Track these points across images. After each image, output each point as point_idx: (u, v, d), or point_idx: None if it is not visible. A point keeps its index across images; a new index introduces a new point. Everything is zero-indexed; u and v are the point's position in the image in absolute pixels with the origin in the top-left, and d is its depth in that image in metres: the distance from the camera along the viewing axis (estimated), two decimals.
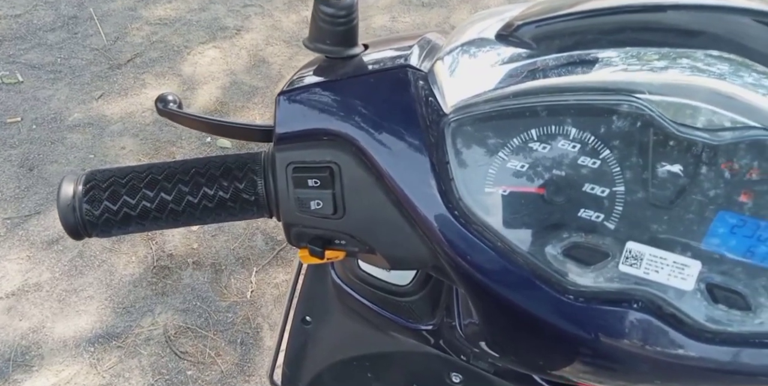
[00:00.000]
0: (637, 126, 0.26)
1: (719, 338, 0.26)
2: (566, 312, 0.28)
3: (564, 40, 0.28)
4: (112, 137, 1.53)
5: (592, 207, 0.27)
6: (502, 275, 0.28)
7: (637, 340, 0.27)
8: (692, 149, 0.26)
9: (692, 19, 0.26)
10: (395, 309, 0.45)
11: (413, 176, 0.28)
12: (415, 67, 0.30)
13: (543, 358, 0.33)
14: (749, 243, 0.26)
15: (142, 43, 1.79)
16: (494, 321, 0.33)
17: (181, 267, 1.31)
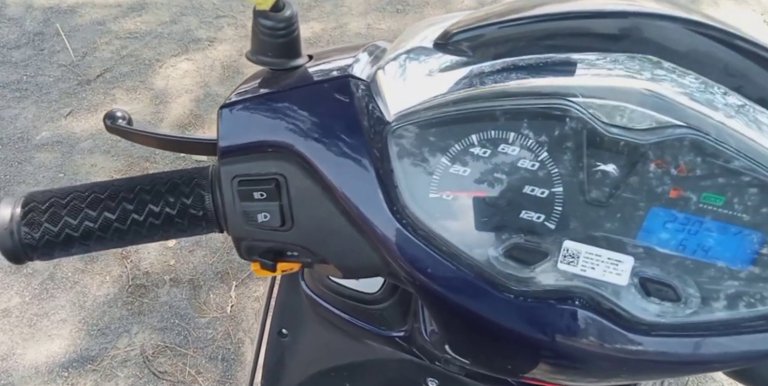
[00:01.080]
0: (571, 128, 0.27)
1: (654, 330, 0.27)
2: (511, 312, 0.28)
3: (498, 47, 0.28)
4: (83, 154, 1.50)
5: (532, 208, 0.28)
6: (448, 280, 0.28)
7: (579, 336, 0.28)
8: (624, 149, 0.26)
9: (617, 25, 0.27)
10: (367, 317, 0.45)
11: (358, 184, 0.28)
12: (357, 76, 0.31)
13: (499, 359, 0.34)
14: (681, 237, 0.27)
15: (112, 58, 1.76)
16: (448, 325, 0.33)
17: (158, 285, 1.28)
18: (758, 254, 0.27)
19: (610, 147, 0.27)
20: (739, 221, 0.27)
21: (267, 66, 0.32)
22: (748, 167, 0.26)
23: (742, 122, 0.26)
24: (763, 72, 0.27)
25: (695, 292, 0.28)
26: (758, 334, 0.27)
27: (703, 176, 0.27)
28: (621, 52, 0.27)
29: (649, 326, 0.28)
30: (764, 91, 0.27)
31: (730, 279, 0.28)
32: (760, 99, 0.27)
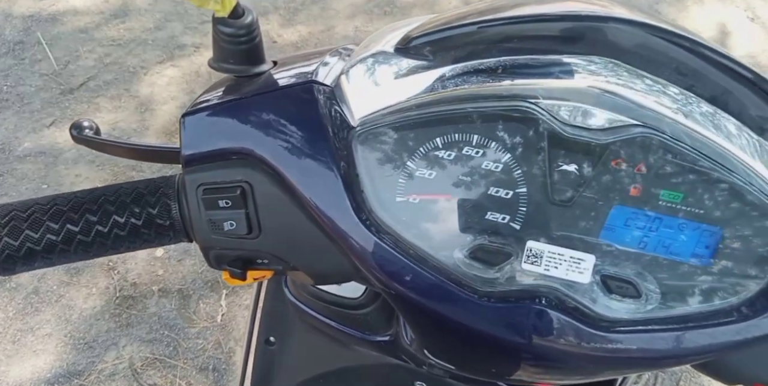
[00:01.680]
0: (533, 130, 0.27)
1: (617, 326, 0.28)
2: (478, 314, 0.29)
3: (458, 51, 0.29)
4: (66, 165, 1.47)
5: (497, 209, 0.28)
6: (415, 283, 0.29)
7: (545, 335, 0.28)
8: (584, 149, 0.27)
9: (573, 28, 0.28)
10: (352, 322, 0.45)
11: (324, 190, 0.28)
12: (321, 82, 0.30)
13: (473, 361, 0.34)
14: (642, 234, 0.28)
15: (95, 66, 1.74)
16: (420, 328, 0.33)
17: (146, 296, 1.26)
18: (716, 250, 0.28)
19: (571, 147, 0.27)
20: (698, 217, 0.27)
21: (230, 73, 0.31)
22: (704, 164, 0.27)
23: (695, 120, 0.27)
24: (713, 71, 0.27)
25: (655, 288, 0.28)
26: (717, 328, 0.28)
27: (661, 173, 0.27)
28: (578, 54, 0.28)
29: (612, 322, 0.28)
30: (715, 89, 0.28)
31: (690, 275, 0.28)
32: (712, 98, 0.28)
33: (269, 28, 1.95)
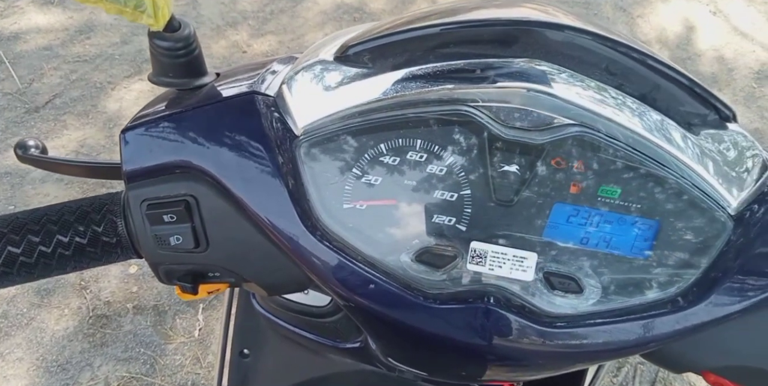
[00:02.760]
0: (473, 133, 0.28)
1: (561, 321, 0.29)
2: (428, 316, 0.29)
3: (396, 57, 0.29)
4: (34, 184, 1.45)
5: (443, 212, 0.29)
6: (365, 289, 0.29)
7: (494, 334, 0.29)
8: (523, 149, 0.28)
9: (506, 33, 0.28)
10: (322, 330, 0.45)
11: (270, 201, 0.28)
12: (262, 92, 0.31)
13: (435, 364, 0.34)
14: (583, 230, 0.29)
15: (61, 83, 1.72)
16: (376, 334, 0.34)
17: (121, 314, 1.24)
18: (654, 242, 0.29)
19: (510, 148, 0.28)
20: (635, 212, 0.28)
21: (170, 87, 0.31)
22: (637, 160, 0.28)
23: (627, 117, 0.28)
24: (641, 70, 0.28)
25: (596, 283, 0.29)
26: (657, 318, 0.28)
27: (598, 170, 0.28)
28: (513, 57, 0.28)
29: (556, 318, 0.29)
30: (643, 87, 0.29)
31: (630, 268, 0.29)
32: (641, 95, 0.29)
33: (239, 38, 1.95)
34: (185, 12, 2.02)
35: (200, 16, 2.02)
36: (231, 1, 2.11)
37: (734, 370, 0.32)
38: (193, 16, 2.02)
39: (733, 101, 2.04)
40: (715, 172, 0.28)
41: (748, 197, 0.29)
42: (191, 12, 2.03)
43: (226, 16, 2.04)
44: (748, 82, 2.13)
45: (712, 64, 2.20)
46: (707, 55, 2.24)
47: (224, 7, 2.08)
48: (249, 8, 2.09)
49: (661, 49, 2.23)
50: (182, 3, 2.06)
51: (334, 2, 2.14)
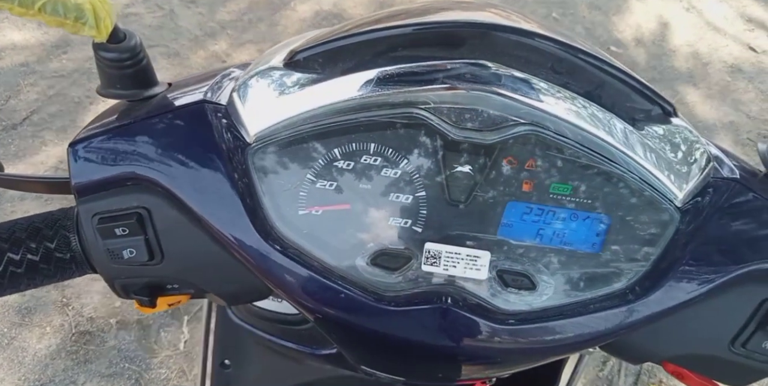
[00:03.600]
0: (426, 135, 0.28)
1: (517, 318, 0.29)
2: (386, 319, 0.29)
3: (345, 62, 0.29)
4: (12, 202, 1.43)
5: (399, 214, 0.29)
6: (323, 295, 0.29)
7: (454, 334, 0.29)
8: (475, 149, 0.28)
9: (454, 35, 0.29)
10: (298, 338, 0.45)
11: (223, 210, 0.28)
12: (213, 101, 0.31)
13: (399, 367, 0.34)
14: (537, 227, 0.29)
15: (38, 99, 1.71)
16: (338, 340, 0.33)
17: (104, 330, 1.22)
18: (606, 236, 0.29)
19: (462, 149, 0.28)
20: (587, 207, 0.29)
21: (119, 99, 0.31)
22: (586, 156, 0.28)
23: (574, 115, 0.28)
24: (585, 69, 0.29)
25: (549, 279, 0.29)
26: (609, 311, 0.29)
27: (549, 168, 0.28)
28: (460, 59, 0.29)
29: (511, 315, 0.29)
30: (589, 85, 0.29)
31: (583, 263, 0.29)
32: (586, 93, 0.29)
33: (217, 48, 1.95)
34: (162, 24, 2.02)
35: (178, 27, 2.02)
36: (209, 10, 2.11)
37: (689, 359, 0.33)
38: (170, 27, 2.02)
39: (708, 95, 2.08)
40: (660, 165, 0.29)
41: (694, 189, 0.29)
42: (169, 23, 2.03)
43: (204, 26, 2.05)
44: (722, 75, 2.17)
45: (687, 59, 2.24)
46: (682, 51, 2.28)
47: (202, 17, 2.08)
48: (227, 18, 2.09)
49: (636, 47, 2.27)
50: (159, 15, 2.06)
51: (312, 10, 2.16)
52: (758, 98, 2.07)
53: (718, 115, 1.99)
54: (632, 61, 2.18)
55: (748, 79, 2.15)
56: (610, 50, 2.22)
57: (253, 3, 2.18)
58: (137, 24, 2.00)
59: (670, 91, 2.07)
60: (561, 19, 2.34)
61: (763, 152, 0.32)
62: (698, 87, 2.11)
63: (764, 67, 2.22)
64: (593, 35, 2.28)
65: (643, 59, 2.20)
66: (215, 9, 2.12)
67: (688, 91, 2.08)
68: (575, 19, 2.36)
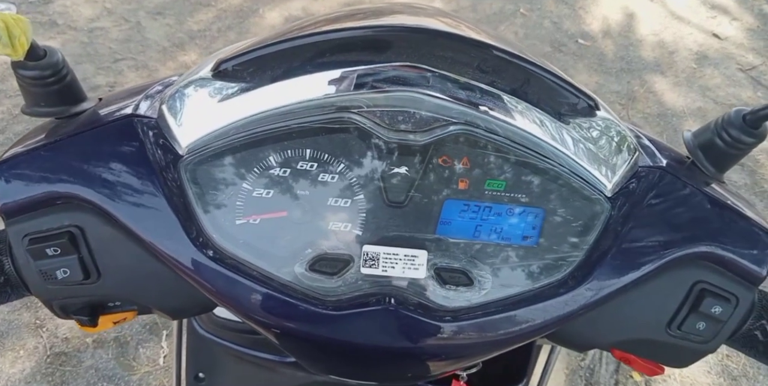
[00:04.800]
0: (360, 139, 0.28)
1: (457, 315, 0.29)
2: (330, 324, 0.29)
3: (275, 70, 0.29)
4: None
5: (339, 219, 0.29)
6: (265, 304, 0.29)
7: (399, 334, 0.29)
8: (409, 150, 0.28)
9: (380, 39, 0.29)
10: (266, 347, 0.45)
11: (157, 224, 0.28)
12: (142, 115, 0.30)
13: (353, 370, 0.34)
14: (475, 224, 0.29)
15: (3, 119, 1.68)
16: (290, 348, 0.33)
17: (80, 349, 1.20)
18: (542, 229, 0.30)
19: (397, 151, 0.28)
20: (522, 202, 0.29)
21: (45, 116, 0.31)
22: (517, 152, 0.29)
23: (503, 112, 0.29)
24: (510, 67, 0.29)
25: (487, 274, 0.30)
26: (546, 302, 0.29)
27: (482, 165, 0.29)
28: (388, 62, 0.29)
29: (452, 312, 0.29)
30: (514, 83, 0.30)
31: (520, 256, 0.30)
32: (513, 90, 0.30)
33: (187, 59, 1.94)
34: (130, 37, 2.00)
35: (146, 39, 2.01)
36: (176, 21, 2.10)
37: (631, 344, 0.33)
38: (138, 40, 2.00)
39: (676, 83, 2.12)
40: (588, 157, 0.29)
41: (622, 179, 0.30)
42: (136, 36, 2.01)
43: (173, 37, 2.03)
44: (688, 63, 2.21)
45: (654, 48, 2.28)
46: (648, 41, 2.32)
47: (170, 28, 2.07)
48: (195, 28, 2.08)
49: (604, 38, 2.30)
50: (126, 28, 2.04)
51: (281, 16, 2.15)
52: (724, 83, 2.12)
53: (686, 102, 2.03)
54: (600, 52, 2.21)
55: (713, 65, 2.20)
56: (578, 43, 2.25)
57: (221, 11, 2.17)
58: (103, 38, 1.98)
59: (638, 80, 2.10)
60: (528, 15, 2.37)
61: (686, 139, 0.33)
62: (666, 75, 2.15)
63: (729, 53, 2.27)
64: (561, 29, 2.31)
65: (611, 51, 2.23)
66: (183, 19, 2.11)
67: (656, 80, 2.12)
68: (542, 14, 2.39)
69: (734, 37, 2.35)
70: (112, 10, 2.11)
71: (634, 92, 2.04)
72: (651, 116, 1.96)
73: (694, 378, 1.24)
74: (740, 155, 0.31)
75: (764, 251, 0.30)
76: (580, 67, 2.13)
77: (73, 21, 2.03)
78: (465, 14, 2.33)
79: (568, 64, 2.13)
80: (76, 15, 2.05)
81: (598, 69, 2.13)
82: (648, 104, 2.00)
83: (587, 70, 2.12)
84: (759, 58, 2.23)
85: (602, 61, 2.17)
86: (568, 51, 2.20)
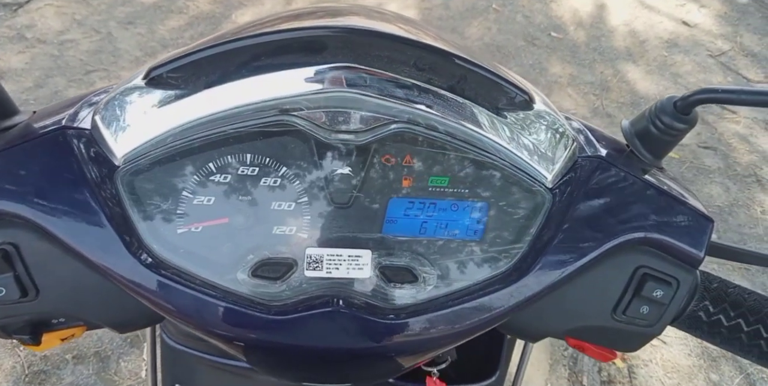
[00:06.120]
0: (301, 141, 0.28)
1: (405, 312, 0.29)
2: (278, 328, 0.29)
3: (209, 75, 0.29)
4: None
5: (284, 223, 0.29)
6: (209, 313, 0.28)
7: (348, 335, 0.29)
8: (352, 151, 0.28)
9: (314, 41, 0.29)
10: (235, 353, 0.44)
11: (94, 238, 0.27)
12: (76, 126, 0.30)
13: (308, 373, 0.33)
14: (420, 221, 0.29)
15: None
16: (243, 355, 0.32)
17: (60, 367, 1.18)
18: (486, 223, 0.30)
19: (339, 152, 0.28)
20: (465, 196, 0.29)
21: None
22: (458, 148, 0.29)
23: (441, 109, 0.29)
24: (445, 64, 0.29)
25: (431, 270, 0.29)
26: (493, 294, 0.29)
27: (425, 162, 0.29)
28: (324, 63, 0.29)
29: (399, 310, 0.29)
30: (451, 80, 0.30)
31: (465, 250, 0.30)
32: (450, 87, 0.30)
33: None
34: (101, 47, 1.98)
35: (117, 49, 1.99)
36: (148, 30, 2.08)
37: (582, 331, 0.33)
38: (109, 50, 1.98)
39: (648, 71, 2.15)
40: (527, 150, 0.29)
41: (561, 169, 0.30)
42: (107, 47, 1.99)
43: (145, 46, 2.01)
44: (659, 51, 2.24)
45: (626, 38, 2.31)
46: (620, 31, 2.35)
47: (142, 37, 2.05)
48: (168, 36, 2.07)
49: (576, 30, 2.32)
50: (96, 39, 2.02)
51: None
52: (695, 69, 2.15)
53: (658, 89, 2.06)
54: (573, 44, 2.24)
55: (684, 52, 2.23)
56: (551, 36, 2.27)
57: (193, 18, 2.15)
58: (74, 50, 1.96)
59: (611, 70, 2.13)
60: (501, 10, 2.39)
61: (624, 128, 0.33)
62: (638, 64, 2.17)
63: (698, 40, 2.30)
64: (534, 23, 2.33)
65: (583, 42, 2.26)
66: (154, 28, 2.09)
67: (629, 69, 2.15)
68: (515, 9, 2.40)
69: (703, 24, 2.38)
70: (81, 21, 2.09)
71: (608, 82, 2.07)
72: (625, 105, 1.98)
73: (675, 361, 1.25)
74: (674, 141, 0.31)
75: (701, 234, 0.31)
76: (554, 59, 2.15)
77: (42, 34, 2.00)
78: (437, 12, 2.34)
79: (542, 57, 2.15)
80: (45, 28, 2.02)
81: (571, 61, 2.15)
82: (621, 94, 2.03)
83: (561, 62, 2.14)
84: (728, 44, 2.27)
85: (575, 53, 2.20)
86: (542, 44, 2.22)
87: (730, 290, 0.33)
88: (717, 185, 1.71)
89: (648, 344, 0.34)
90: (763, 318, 0.31)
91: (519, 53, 2.15)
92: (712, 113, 1.97)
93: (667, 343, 1.28)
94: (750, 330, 0.31)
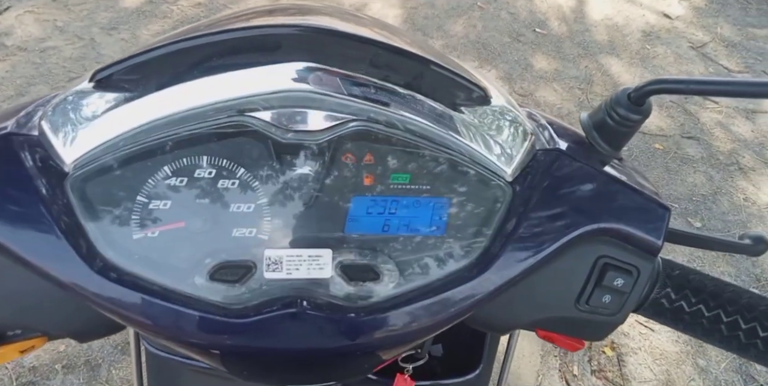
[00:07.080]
0: (258, 142, 0.28)
1: (367, 311, 0.29)
2: (241, 332, 0.28)
3: (160, 77, 0.28)
4: None
5: (243, 225, 0.28)
6: (168, 320, 0.28)
7: (312, 335, 0.28)
8: (310, 150, 0.28)
9: (267, 39, 0.28)
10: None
11: (45, 246, 0.27)
12: (22, 133, 0.29)
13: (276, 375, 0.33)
14: (383, 219, 0.29)
15: None
16: (211, 361, 0.32)
17: (49, 377, 1.17)
18: (448, 218, 0.30)
19: (298, 152, 0.28)
20: (427, 193, 0.29)
21: None
22: (418, 144, 0.29)
23: (399, 106, 0.29)
24: (401, 61, 0.29)
25: (393, 267, 0.29)
26: (455, 289, 0.29)
27: (386, 160, 0.29)
28: (279, 62, 0.28)
29: (362, 308, 0.29)
30: (407, 77, 0.30)
31: (428, 247, 0.30)
32: (406, 84, 0.30)
33: None
34: (84, 54, 1.97)
35: (100, 56, 1.97)
36: (131, 36, 2.07)
37: (549, 322, 0.33)
38: (92, 57, 1.96)
39: (631, 64, 2.17)
40: (485, 144, 0.30)
41: (520, 163, 0.30)
42: (90, 53, 1.98)
43: (129, 51, 2.00)
44: (641, 44, 2.26)
45: (608, 32, 2.33)
46: (602, 25, 2.37)
47: (125, 43, 2.03)
48: (152, 40, 2.05)
49: (560, 26, 2.34)
50: (79, 45, 2.00)
51: None
52: (677, 61, 2.17)
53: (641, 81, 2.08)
54: (557, 40, 2.25)
55: (666, 44, 2.25)
56: (536, 32, 2.28)
57: (177, 23, 2.14)
58: (57, 57, 1.94)
59: (595, 64, 2.14)
60: (486, 7, 2.40)
61: (582, 121, 0.33)
62: (621, 58, 2.19)
63: (680, 32, 2.33)
64: (518, 20, 2.34)
65: (567, 37, 2.27)
66: (138, 33, 2.08)
67: (612, 63, 2.16)
68: (499, 6, 2.42)
69: (684, 16, 2.41)
70: (63, 28, 2.07)
71: (592, 76, 2.08)
72: None
73: (663, 348, 1.27)
74: (631, 132, 0.31)
75: (659, 223, 0.31)
76: (539, 55, 2.16)
77: (23, 41, 1.98)
78: (423, 10, 2.34)
79: (527, 53, 2.16)
80: (25, 35, 2.00)
81: (556, 56, 2.17)
82: (606, 87, 2.04)
83: (546, 58, 2.16)
84: (708, 35, 2.30)
85: (560, 48, 2.21)
86: (527, 41, 2.23)
87: (691, 276, 0.33)
88: (701, 174, 1.73)
89: (638, 333, 0.34)
90: (723, 303, 0.32)
91: (505, 50, 2.16)
92: (695, 104, 1.99)
93: (655, 331, 1.29)
94: (711, 315, 0.32)
